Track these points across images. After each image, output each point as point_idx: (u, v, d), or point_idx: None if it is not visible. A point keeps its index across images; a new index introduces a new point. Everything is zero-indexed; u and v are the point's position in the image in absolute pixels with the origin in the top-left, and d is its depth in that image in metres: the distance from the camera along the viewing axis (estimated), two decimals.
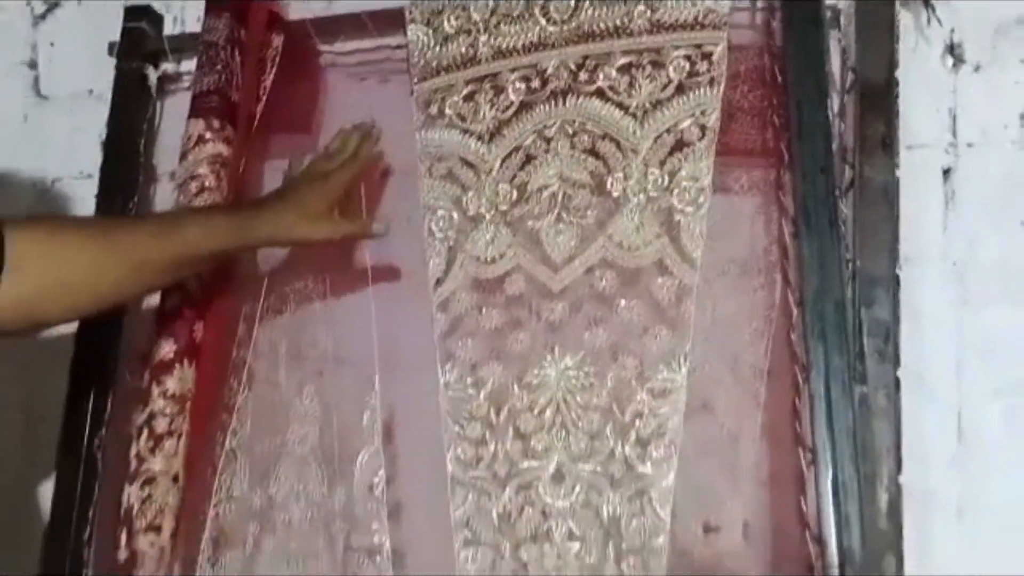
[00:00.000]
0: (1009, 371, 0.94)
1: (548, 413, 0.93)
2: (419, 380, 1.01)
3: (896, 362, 0.89)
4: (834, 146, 0.90)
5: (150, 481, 0.98)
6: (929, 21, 0.98)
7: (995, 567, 0.93)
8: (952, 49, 0.98)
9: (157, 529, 0.97)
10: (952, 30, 0.99)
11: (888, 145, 0.90)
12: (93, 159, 1.23)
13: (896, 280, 0.90)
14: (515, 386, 0.95)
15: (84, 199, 1.25)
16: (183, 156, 1.08)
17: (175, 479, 1.00)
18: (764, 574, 0.89)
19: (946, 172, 0.97)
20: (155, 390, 1.00)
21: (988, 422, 0.94)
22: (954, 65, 0.98)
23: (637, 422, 0.90)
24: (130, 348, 1.11)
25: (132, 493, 0.98)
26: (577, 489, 0.90)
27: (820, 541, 0.81)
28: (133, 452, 0.99)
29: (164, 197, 1.18)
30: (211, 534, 1.00)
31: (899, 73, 0.94)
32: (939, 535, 0.94)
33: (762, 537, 0.94)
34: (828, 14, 0.95)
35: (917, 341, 0.92)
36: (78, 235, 0.82)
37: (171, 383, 1.00)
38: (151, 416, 1.00)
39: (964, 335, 0.94)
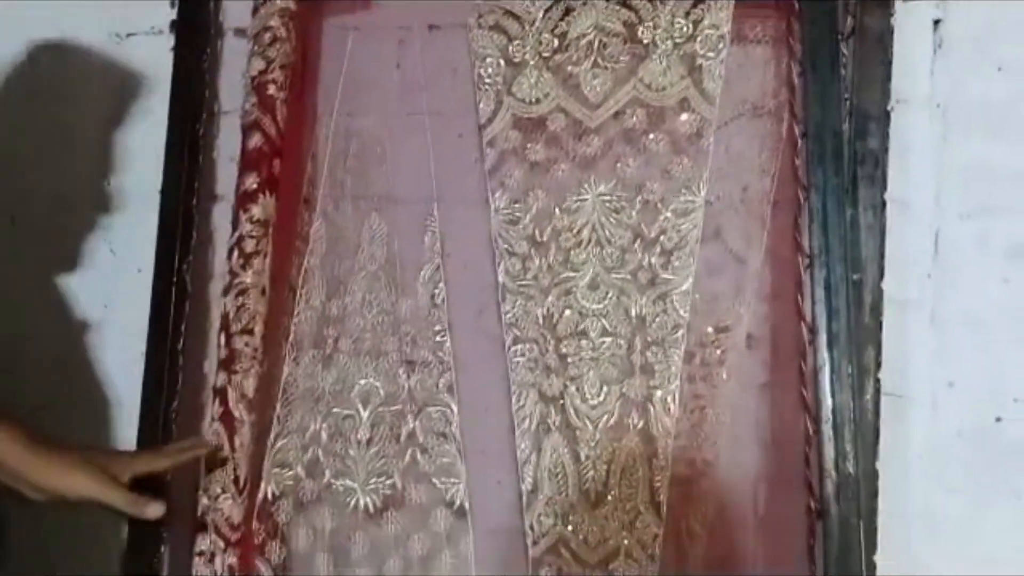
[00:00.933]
0: (982, 197, 1.08)
1: (585, 232, 1.09)
2: (471, 210, 1.16)
3: (883, 187, 1.04)
4: None
5: (243, 292, 1.15)
6: None
7: (961, 366, 1.10)
8: None
9: (250, 332, 1.14)
10: None
11: None
12: (164, 15, 1.35)
13: (887, 116, 1.04)
14: (556, 210, 1.10)
15: (158, 55, 1.36)
16: (255, 10, 1.20)
17: (263, 291, 1.16)
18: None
19: (936, 22, 1.09)
20: (243, 216, 1.16)
21: (961, 240, 1.09)
22: None
23: (661, 237, 1.06)
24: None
25: (228, 302, 1.15)
26: (610, 294, 1.07)
27: (812, 330, 0.97)
28: (227, 268, 1.15)
29: (234, 50, 1.30)
30: (295, 337, 1.16)
31: None
32: (914, 338, 1.10)
33: (763, 343, 1.11)
34: None
35: (903, 170, 1.07)
36: None
37: (256, 210, 1.16)
38: (241, 238, 1.15)
39: (944, 165, 1.08)
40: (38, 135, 1.35)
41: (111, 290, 1.34)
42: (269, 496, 1.14)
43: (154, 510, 0.95)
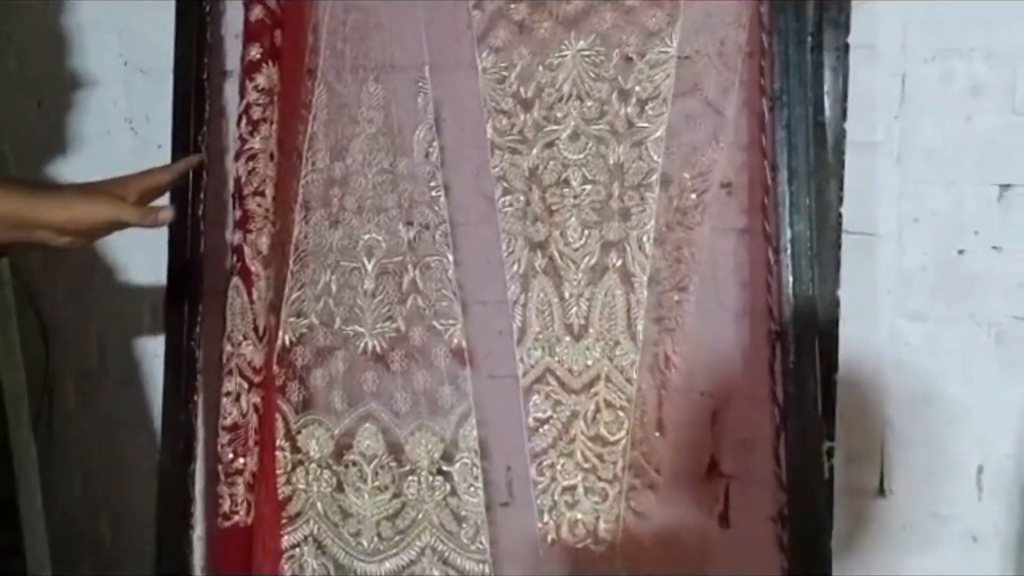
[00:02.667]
0: (948, 35, 1.13)
1: (566, 87, 1.16)
2: (461, 72, 1.23)
3: (847, 30, 1.09)
4: None
5: (252, 157, 1.24)
6: None
7: (926, 203, 1.16)
8: None
9: (262, 194, 1.24)
10: None
11: None
12: None
13: None
14: (540, 67, 1.17)
15: None
16: None
17: (271, 156, 1.25)
18: None
19: None
20: (248, 85, 1.24)
21: (926, 82, 1.14)
22: None
23: (636, 87, 1.13)
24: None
25: (239, 167, 1.24)
26: (589, 144, 1.15)
27: (774, 167, 1.04)
28: (236, 135, 1.24)
29: None
30: (303, 198, 1.26)
31: None
32: (882, 177, 1.17)
33: (740, 190, 1.18)
34: None
35: (870, 13, 1.11)
36: None
37: (260, 79, 1.24)
38: (248, 106, 1.24)
39: (909, 12, 1.13)
40: (55, 21, 1.43)
41: (134, 166, 1.43)
42: (287, 343, 1.26)
43: (166, 214, 0.95)
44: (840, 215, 1.09)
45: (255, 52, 1.24)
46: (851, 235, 1.16)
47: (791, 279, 1.03)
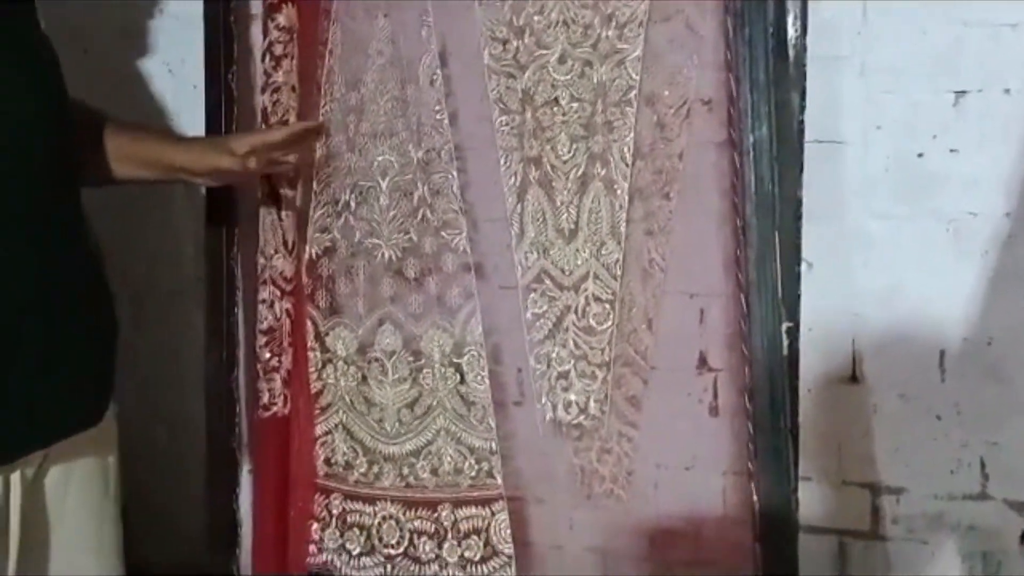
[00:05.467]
0: None
1: (554, 14, 1.28)
2: (460, 5, 1.34)
3: None
4: None
5: (276, 89, 1.38)
6: None
7: (886, 111, 1.26)
8: None
9: (286, 123, 1.38)
10: None
11: None
12: None
13: None
14: None
15: None
16: None
17: (293, 88, 1.39)
18: None
19: None
20: (270, 24, 1.38)
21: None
22: None
23: (616, 12, 1.24)
24: None
25: (265, 99, 1.38)
26: (575, 66, 1.27)
27: (737, 78, 1.15)
28: (261, 70, 1.38)
29: None
30: (324, 126, 1.40)
31: None
32: (846, 88, 1.27)
33: (720, 106, 1.28)
34: None
35: None
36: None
37: (281, 18, 1.37)
38: (270, 43, 1.38)
39: None
40: None
41: (173, 106, 1.59)
42: (313, 256, 1.41)
43: (252, 163, 1.19)
44: (802, 122, 1.19)
45: None
46: (819, 143, 1.26)
47: (753, 179, 1.14)
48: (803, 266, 1.24)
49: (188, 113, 1.52)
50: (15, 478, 1.01)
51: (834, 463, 1.32)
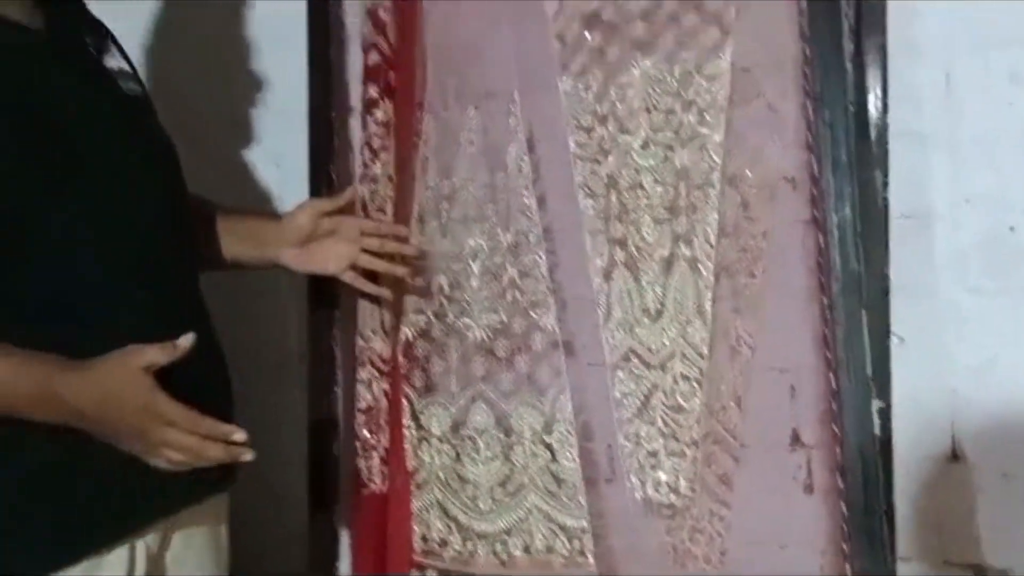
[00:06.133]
0: (985, 30, 1.22)
1: (636, 102, 1.32)
2: (545, 95, 1.41)
3: (884, 31, 1.20)
4: None
5: (374, 180, 1.46)
6: None
7: (975, 185, 1.26)
8: None
9: (383, 211, 1.45)
10: None
11: None
12: None
13: None
14: (612, 86, 1.34)
15: None
16: None
17: (390, 179, 1.47)
18: None
19: None
20: (369, 120, 1.46)
21: (969, 73, 1.24)
22: None
23: (696, 98, 1.28)
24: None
25: (363, 190, 1.46)
26: (658, 151, 1.31)
27: (819, 158, 1.17)
28: (360, 161, 1.46)
29: None
30: (418, 212, 1.47)
31: None
32: (934, 163, 1.27)
33: (803, 185, 1.30)
34: None
35: (911, 11, 1.22)
36: None
37: (379, 113, 1.46)
38: (369, 137, 1.46)
39: (949, 4, 1.23)
40: (208, 74, 1.70)
41: (278, 196, 1.68)
42: (409, 337, 1.47)
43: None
44: (887, 199, 1.20)
45: (373, 91, 1.46)
46: (907, 219, 1.27)
47: (838, 258, 1.15)
48: (895, 341, 1.23)
49: (292, 203, 1.60)
50: (140, 547, 1.07)
51: (935, 543, 1.29)
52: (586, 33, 1.36)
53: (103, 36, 1.16)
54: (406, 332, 1.47)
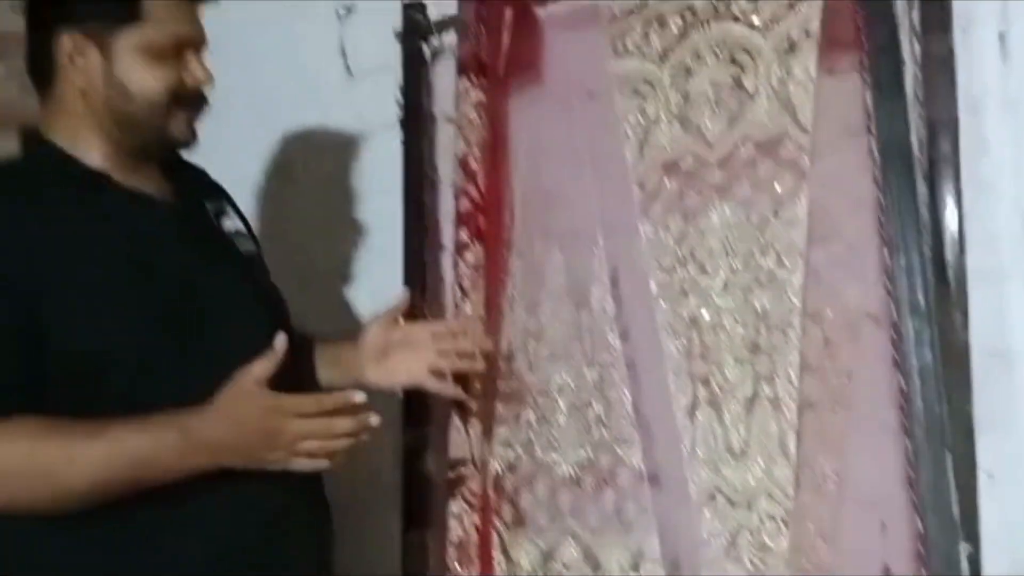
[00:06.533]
0: None
1: (715, 244, 1.38)
2: (627, 238, 1.47)
3: (958, 178, 1.24)
4: None
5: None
6: None
7: None
8: None
9: None
10: None
11: None
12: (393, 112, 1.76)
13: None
14: (691, 229, 1.40)
15: (390, 142, 1.77)
16: (457, 104, 1.59)
17: (480, 318, 1.54)
18: None
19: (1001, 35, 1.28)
20: (460, 262, 1.55)
21: None
22: None
23: (775, 241, 1.33)
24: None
25: None
26: (738, 292, 1.35)
27: (897, 303, 1.20)
28: (451, 300, 1.55)
29: (446, 137, 1.70)
30: (507, 350, 1.53)
31: None
32: (1015, 302, 1.28)
33: (886, 321, 1.31)
34: None
35: (982, 154, 1.26)
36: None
37: (469, 256, 1.54)
38: (459, 278, 1.55)
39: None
40: (315, 218, 1.82)
41: None
42: (498, 470, 1.52)
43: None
44: (967, 341, 1.22)
45: (464, 235, 1.55)
46: (990, 356, 1.27)
47: (921, 403, 1.17)
48: (984, 477, 1.22)
49: None
50: None
51: None
52: (665, 180, 1.43)
53: (221, 199, 1.29)
54: (495, 465, 1.52)
